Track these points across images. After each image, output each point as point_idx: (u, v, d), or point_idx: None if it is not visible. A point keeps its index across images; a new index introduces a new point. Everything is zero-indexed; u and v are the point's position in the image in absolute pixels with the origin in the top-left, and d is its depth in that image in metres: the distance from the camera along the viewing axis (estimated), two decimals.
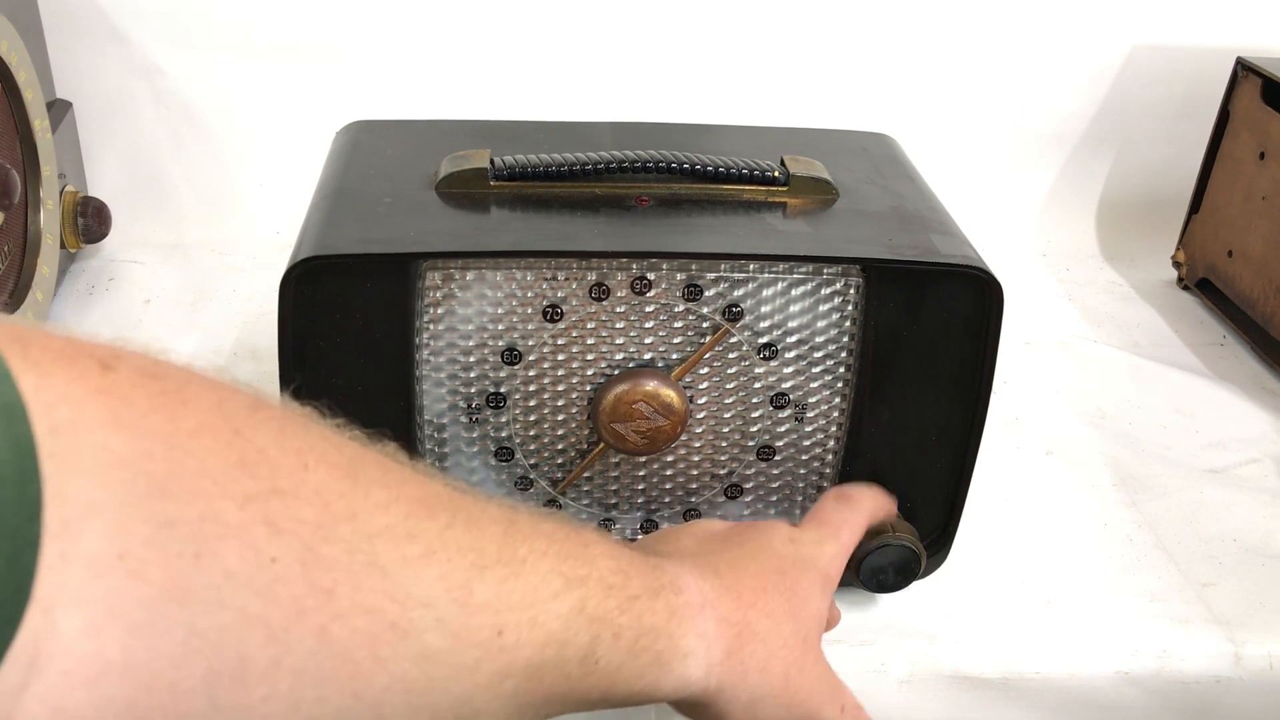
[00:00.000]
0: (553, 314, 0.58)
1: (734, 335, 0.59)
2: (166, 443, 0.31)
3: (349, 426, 0.38)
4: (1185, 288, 1.05)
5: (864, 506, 0.57)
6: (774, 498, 0.64)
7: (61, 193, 0.90)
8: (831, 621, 0.58)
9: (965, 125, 1.11)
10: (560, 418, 0.61)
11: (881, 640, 0.63)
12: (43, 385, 0.29)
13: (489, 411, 0.60)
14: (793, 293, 0.59)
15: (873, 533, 0.59)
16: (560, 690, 0.41)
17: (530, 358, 0.59)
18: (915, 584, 0.63)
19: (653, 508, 0.64)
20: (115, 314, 0.92)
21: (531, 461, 0.62)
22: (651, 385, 0.59)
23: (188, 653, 0.31)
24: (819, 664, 0.51)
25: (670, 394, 0.59)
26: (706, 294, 0.58)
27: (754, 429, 0.62)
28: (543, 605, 0.40)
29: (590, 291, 0.58)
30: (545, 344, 0.59)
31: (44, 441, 0.28)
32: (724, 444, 0.62)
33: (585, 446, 0.62)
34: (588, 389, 0.60)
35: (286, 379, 0.57)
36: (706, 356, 0.60)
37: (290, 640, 0.33)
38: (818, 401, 0.62)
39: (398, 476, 0.37)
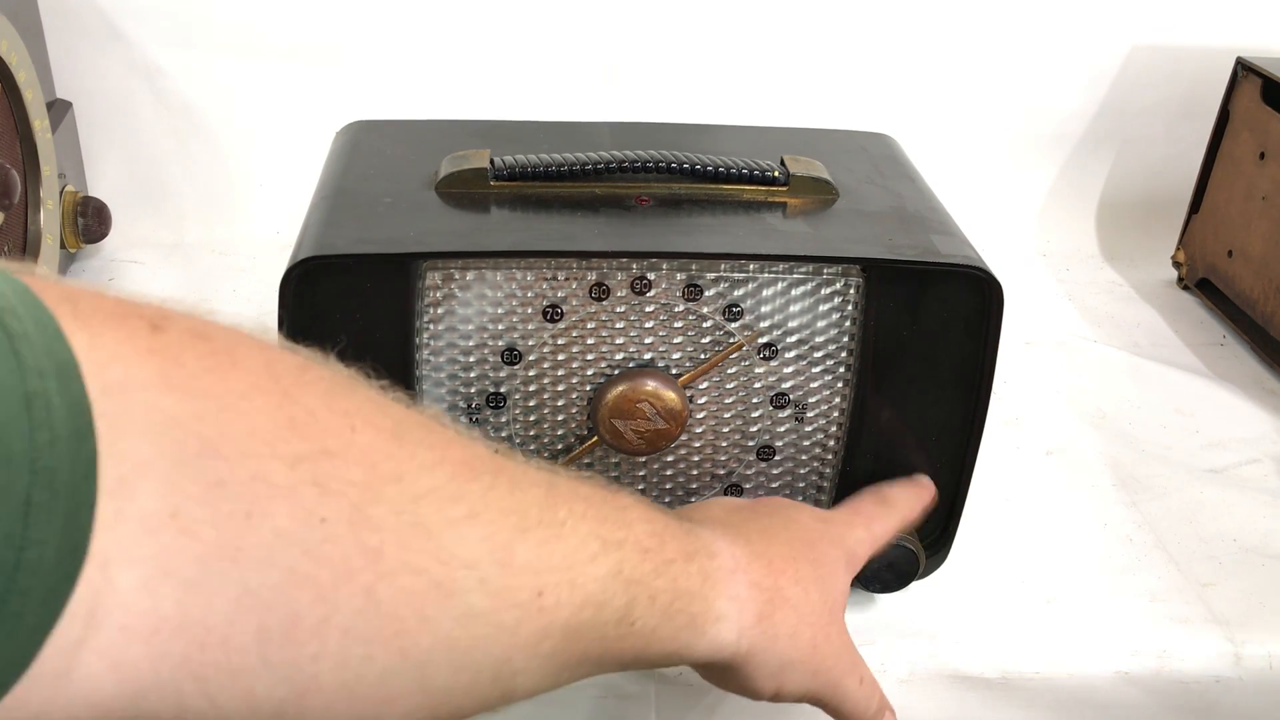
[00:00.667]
0: (553, 314, 0.58)
1: (738, 338, 0.59)
2: (218, 403, 0.31)
3: (393, 388, 0.38)
4: (1185, 288, 1.05)
5: (900, 509, 0.59)
6: None
7: (61, 193, 0.90)
8: None
9: (965, 125, 1.11)
10: (560, 418, 0.61)
11: (881, 640, 0.63)
12: (94, 345, 0.29)
13: (489, 411, 0.60)
14: (793, 293, 0.59)
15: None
16: (596, 651, 0.41)
17: (530, 358, 0.59)
18: (915, 584, 0.63)
19: None
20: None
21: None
22: (657, 387, 0.59)
23: (240, 610, 0.31)
24: (843, 635, 0.52)
25: (674, 399, 0.59)
26: (706, 294, 0.58)
27: (754, 429, 0.62)
28: (581, 567, 0.40)
29: (590, 291, 0.58)
30: (545, 344, 0.59)
31: (97, 401, 0.28)
32: (724, 444, 0.62)
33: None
34: (588, 389, 0.60)
35: None
36: (705, 357, 0.60)
37: (339, 599, 0.33)
38: (818, 401, 0.62)
39: (442, 438, 0.38)
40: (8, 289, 0.28)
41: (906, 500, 0.59)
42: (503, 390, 0.60)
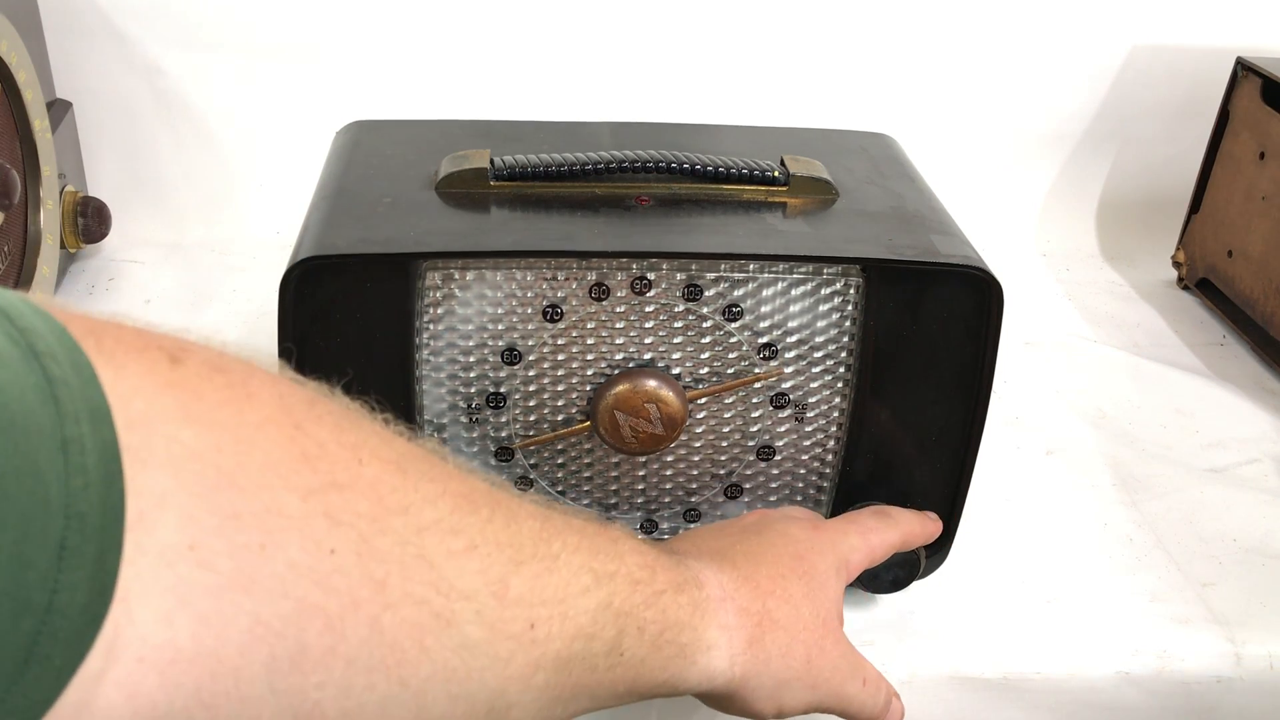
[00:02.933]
0: (553, 314, 0.58)
1: (761, 371, 0.59)
2: (234, 435, 0.32)
3: (396, 422, 0.39)
4: (1185, 288, 1.05)
5: (901, 525, 0.59)
6: (774, 498, 0.64)
7: (61, 193, 0.90)
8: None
9: (965, 125, 1.11)
10: (560, 418, 0.61)
11: (881, 640, 0.63)
12: (118, 379, 0.29)
13: (489, 411, 0.60)
14: (793, 293, 0.59)
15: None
16: (588, 682, 0.42)
17: (530, 358, 0.59)
18: (915, 584, 0.63)
19: (653, 508, 0.64)
20: (115, 314, 0.92)
21: (531, 461, 0.62)
22: (667, 393, 0.59)
23: (252, 640, 0.32)
24: (839, 643, 0.52)
25: (679, 408, 0.59)
26: (706, 294, 0.58)
27: (754, 429, 0.62)
28: (573, 600, 0.41)
29: (590, 291, 0.58)
30: (545, 344, 0.59)
31: (121, 435, 0.29)
32: (724, 444, 0.62)
33: (587, 445, 0.62)
34: (588, 389, 0.60)
35: None
36: (705, 357, 0.60)
37: (345, 629, 0.34)
38: (818, 401, 0.62)
39: (443, 471, 0.38)
40: (47, 331, 0.29)
41: (909, 519, 0.60)
42: (503, 390, 0.60)
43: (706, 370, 0.60)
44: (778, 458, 0.63)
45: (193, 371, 0.32)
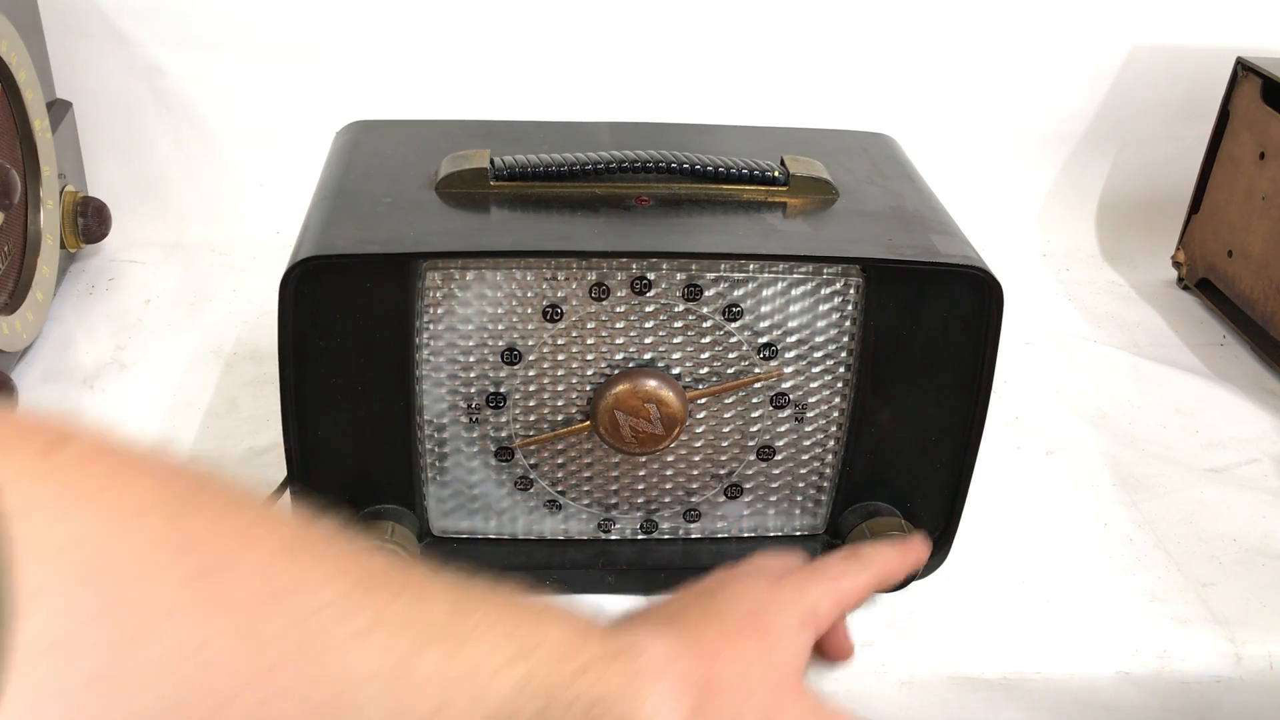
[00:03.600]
0: (553, 314, 0.58)
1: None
2: (109, 525, 0.31)
3: (297, 504, 0.38)
4: (1185, 288, 1.05)
5: (874, 566, 0.58)
6: (774, 498, 0.64)
7: (61, 193, 0.90)
8: (843, 652, 0.58)
9: (965, 125, 1.11)
10: (560, 418, 0.61)
11: (881, 640, 0.63)
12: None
13: (489, 411, 0.60)
14: (793, 293, 0.59)
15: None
16: None
17: (530, 358, 0.59)
18: (915, 584, 0.63)
19: (653, 508, 0.64)
20: (115, 314, 0.92)
21: (531, 461, 0.62)
22: (667, 393, 0.59)
23: None
24: (800, 699, 0.51)
25: (679, 408, 0.59)
26: (706, 294, 0.58)
27: (754, 429, 0.62)
28: (487, 679, 0.40)
29: (590, 291, 0.58)
30: (545, 344, 0.59)
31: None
32: (724, 444, 0.62)
33: (587, 445, 0.62)
34: (588, 389, 0.60)
35: (286, 379, 0.57)
36: (705, 357, 0.60)
37: (229, 718, 0.33)
38: (818, 401, 0.62)
39: (337, 552, 0.38)
40: None
41: (884, 557, 0.59)
42: (503, 390, 0.60)
43: (706, 370, 0.60)
44: (778, 458, 0.63)
45: (72, 459, 0.31)
